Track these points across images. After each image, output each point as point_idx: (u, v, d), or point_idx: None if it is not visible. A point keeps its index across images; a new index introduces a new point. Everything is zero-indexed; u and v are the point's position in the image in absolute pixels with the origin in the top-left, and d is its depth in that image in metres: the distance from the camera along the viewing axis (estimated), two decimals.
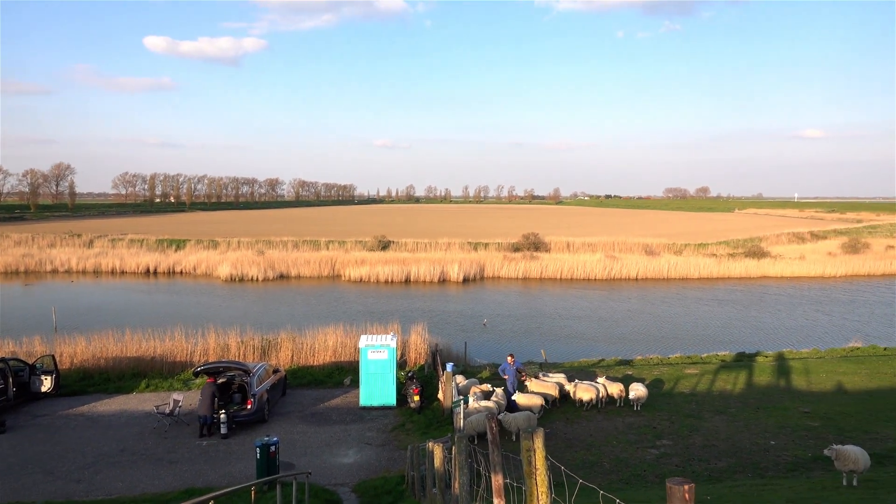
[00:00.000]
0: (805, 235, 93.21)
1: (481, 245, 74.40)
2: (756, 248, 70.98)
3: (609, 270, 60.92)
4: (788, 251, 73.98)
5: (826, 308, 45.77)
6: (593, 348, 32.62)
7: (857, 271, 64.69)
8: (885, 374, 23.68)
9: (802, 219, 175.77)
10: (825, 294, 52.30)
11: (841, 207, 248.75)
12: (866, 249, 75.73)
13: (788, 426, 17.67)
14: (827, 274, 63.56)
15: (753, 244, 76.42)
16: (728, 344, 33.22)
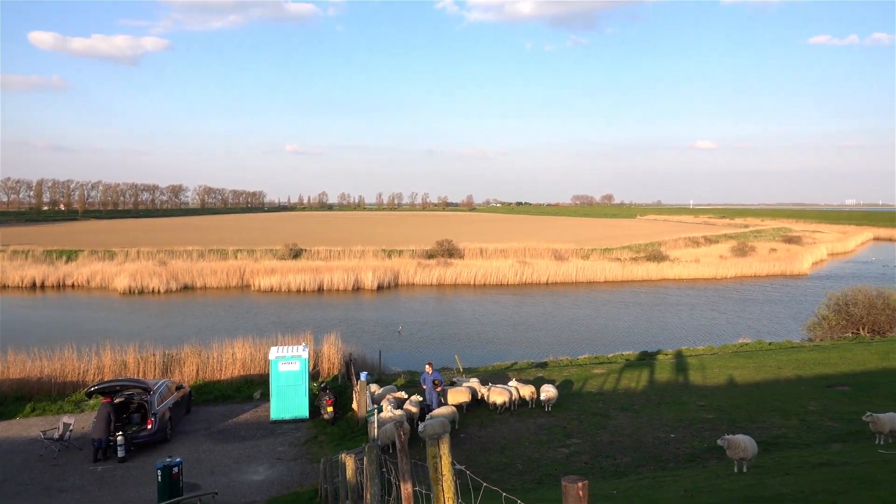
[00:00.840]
0: (699, 240, 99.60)
1: (395, 252, 74.25)
2: (656, 253, 75.07)
3: (521, 275, 62.47)
4: (685, 255, 78.77)
5: (720, 307, 49.08)
6: (507, 352, 33.30)
7: (745, 272, 69.87)
8: (769, 367, 25.64)
9: (697, 224, 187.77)
10: (718, 294, 56.08)
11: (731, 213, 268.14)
12: (752, 252, 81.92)
13: (686, 419, 18.75)
14: (719, 275, 68.21)
15: (654, 248, 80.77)
16: (632, 344, 34.88)
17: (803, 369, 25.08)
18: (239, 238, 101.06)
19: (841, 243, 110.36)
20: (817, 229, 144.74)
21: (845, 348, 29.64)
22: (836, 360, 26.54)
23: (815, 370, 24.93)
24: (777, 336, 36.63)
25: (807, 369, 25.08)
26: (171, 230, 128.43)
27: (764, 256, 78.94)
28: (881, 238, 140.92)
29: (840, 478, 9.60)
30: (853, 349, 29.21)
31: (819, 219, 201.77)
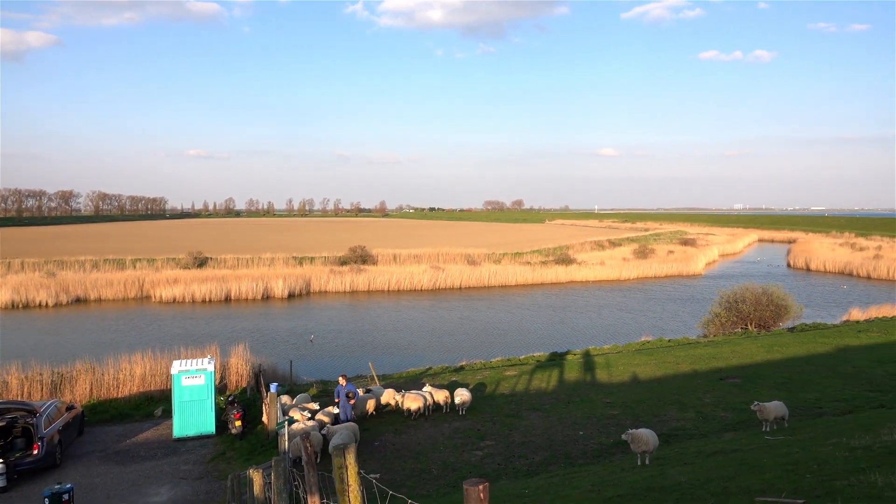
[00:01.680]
0: (604, 243, 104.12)
1: (307, 259, 72.68)
2: (564, 256, 77.77)
3: (435, 281, 62.85)
4: (591, 258, 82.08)
5: (624, 307, 51.47)
6: (422, 357, 33.34)
7: (646, 273, 73.73)
8: (669, 363, 27.13)
9: (602, 228, 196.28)
10: (622, 295, 58.80)
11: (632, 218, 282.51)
12: (652, 254, 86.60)
13: (594, 416, 19.47)
14: (622, 277, 71.59)
15: (562, 252, 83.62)
16: (543, 345, 35.89)
17: (699, 364, 26.71)
18: (138, 247, 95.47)
19: (730, 245, 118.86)
20: (710, 232, 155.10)
21: (736, 343, 31.84)
22: (727, 355, 28.45)
23: (709, 364, 26.60)
24: (676, 333, 38.85)
25: (702, 364, 26.73)
26: (61, 239, 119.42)
27: (663, 258, 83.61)
28: (764, 239, 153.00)
29: (731, 464, 10.27)
30: (742, 343, 31.45)
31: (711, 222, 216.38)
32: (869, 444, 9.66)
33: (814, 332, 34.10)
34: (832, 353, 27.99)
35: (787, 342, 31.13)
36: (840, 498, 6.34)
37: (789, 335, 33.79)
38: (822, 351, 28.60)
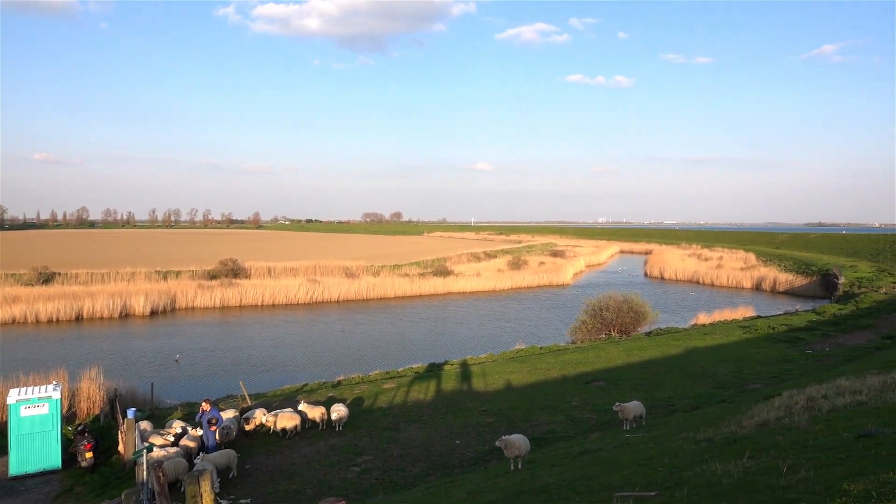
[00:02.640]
0: (480, 255, 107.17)
1: (172, 273, 68.12)
2: (442, 268, 79.08)
3: (312, 294, 61.37)
4: (468, 269, 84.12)
5: (499, 316, 53.17)
6: (298, 374, 32.35)
7: (520, 284, 76.79)
8: (540, 369, 28.37)
9: (478, 240, 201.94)
10: (497, 305, 60.76)
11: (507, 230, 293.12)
12: (525, 266, 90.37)
13: (470, 425, 19.88)
14: (498, 287, 74.03)
15: (440, 264, 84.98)
16: (422, 356, 36.13)
17: (567, 369, 28.16)
18: None
19: (595, 256, 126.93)
20: (577, 244, 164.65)
21: (600, 348, 33.95)
22: (593, 359, 30.26)
23: (577, 369, 28.14)
24: (547, 340, 40.72)
25: (570, 369, 28.21)
26: None
27: (535, 269, 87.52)
28: (625, 251, 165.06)
29: (595, 463, 10.91)
30: (606, 348, 33.60)
31: (578, 235, 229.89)
32: (711, 437, 10.65)
33: (667, 336, 37.16)
34: (683, 355, 30.67)
35: (644, 346, 33.67)
36: (686, 487, 6.92)
37: (647, 339, 36.58)
38: (675, 353, 31.26)
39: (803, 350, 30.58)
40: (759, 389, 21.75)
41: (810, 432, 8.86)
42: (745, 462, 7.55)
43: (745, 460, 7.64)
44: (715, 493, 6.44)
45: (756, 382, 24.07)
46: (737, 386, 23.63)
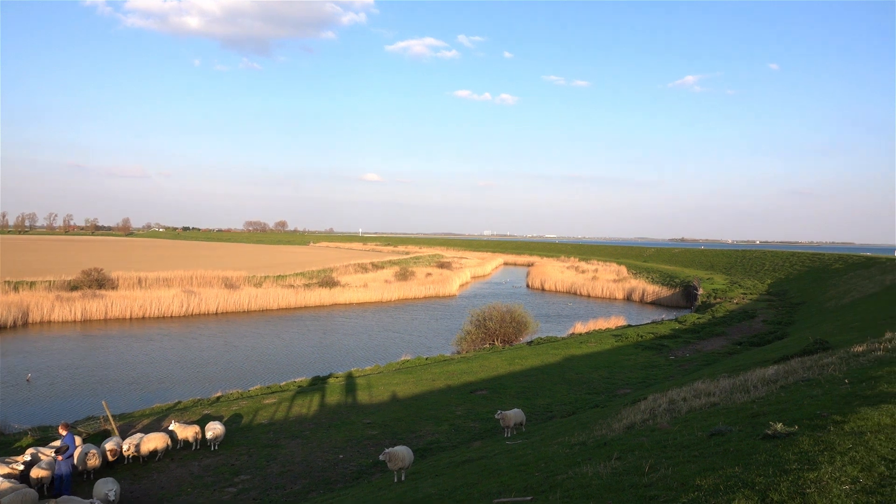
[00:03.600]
0: (368, 266, 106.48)
1: (25, 284, 61.65)
2: (328, 278, 77.67)
3: (187, 306, 57.98)
4: (355, 280, 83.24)
5: (386, 327, 52.99)
6: (170, 391, 30.39)
7: (407, 295, 77.07)
8: (426, 380, 28.57)
9: (366, 251, 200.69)
10: (385, 316, 60.55)
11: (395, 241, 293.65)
12: (413, 277, 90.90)
13: (354, 438, 19.59)
14: (385, 299, 73.85)
15: (326, 275, 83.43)
16: (306, 369, 35.20)
17: (452, 379, 28.57)
18: None
19: (481, 268, 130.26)
20: (463, 256, 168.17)
21: (484, 358, 34.77)
22: (477, 369, 30.92)
23: (461, 379, 28.62)
24: (433, 351, 41.11)
25: (455, 379, 28.65)
26: None
27: (422, 280, 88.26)
28: (509, 263, 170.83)
29: (476, 471, 11.12)
30: (489, 358, 34.46)
31: (464, 247, 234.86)
32: (585, 441, 11.22)
33: (547, 345, 38.78)
34: (561, 363, 32.12)
35: (526, 355, 34.91)
36: (560, 490, 7.24)
37: (528, 348, 37.95)
38: (554, 361, 32.66)
39: (667, 356, 33.07)
40: (628, 394, 23.23)
41: (670, 433, 9.57)
42: (614, 463, 8.02)
43: (614, 461, 8.12)
44: (586, 494, 6.78)
45: (626, 387, 25.68)
46: (609, 391, 25.09)
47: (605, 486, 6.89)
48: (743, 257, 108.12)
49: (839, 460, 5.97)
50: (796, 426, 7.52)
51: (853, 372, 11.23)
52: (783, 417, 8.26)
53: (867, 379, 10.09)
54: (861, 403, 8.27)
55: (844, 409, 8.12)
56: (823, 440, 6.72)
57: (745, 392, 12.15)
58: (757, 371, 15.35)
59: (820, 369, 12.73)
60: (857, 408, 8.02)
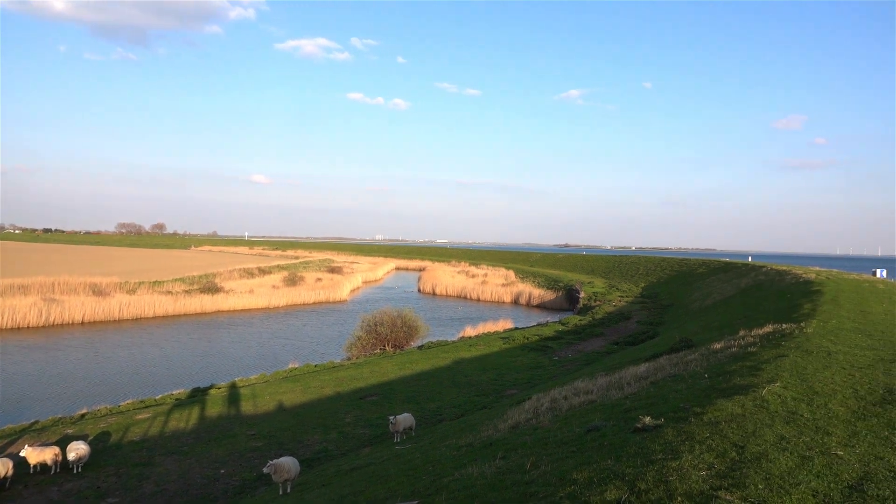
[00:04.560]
0: (254, 271, 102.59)
1: None
2: (211, 284, 73.96)
3: (47, 316, 52.96)
4: (240, 286, 79.87)
5: (274, 334, 51.25)
6: (27, 410, 27.61)
7: (296, 301, 75.05)
8: (314, 388, 27.94)
9: (252, 255, 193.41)
10: (272, 322, 58.57)
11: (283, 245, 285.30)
12: (302, 282, 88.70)
13: (237, 452, 18.76)
14: (272, 305, 71.45)
15: (208, 280, 79.40)
16: (185, 381, 33.29)
17: (342, 386, 28.15)
18: None
19: (372, 273, 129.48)
20: (355, 260, 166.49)
21: (375, 363, 34.57)
22: (367, 375, 30.67)
23: (351, 385, 28.27)
24: (323, 358, 40.29)
25: (345, 385, 28.25)
26: None
27: (312, 285, 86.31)
28: (401, 268, 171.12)
29: (364, 478, 11.03)
30: (380, 363, 34.31)
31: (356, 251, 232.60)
32: (472, 442, 11.45)
33: (438, 349, 39.22)
34: (451, 366, 32.60)
35: (416, 359, 35.11)
36: (446, 492, 7.34)
37: (419, 352, 38.19)
38: (444, 364, 33.08)
39: (551, 357, 34.52)
40: (515, 394, 23.99)
41: (551, 430, 9.99)
42: (498, 463, 8.25)
43: (498, 461, 8.35)
44: (470, 495, 6.92)
45: (513, 388, 26.51)
46: (497, 392, 25.77)
47: (489, 486, 7.07)
48: (620, 262, 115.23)
49: (698, 448, 6.51)
50: (663, 419, 8.11)
51: (712, 367, 12.29)
52: (652, 411, 8.88)
53: (723, 373, 11.08)
54: (718, 396, 9.07)
55: (704, 401, 8.87)
56: (685, 431, 7.30)
57: (619, 389, 12.93)
58: (630, 369, 16.40)
59: (684, 365, 13.82)
60: (714, 400, 8.79)
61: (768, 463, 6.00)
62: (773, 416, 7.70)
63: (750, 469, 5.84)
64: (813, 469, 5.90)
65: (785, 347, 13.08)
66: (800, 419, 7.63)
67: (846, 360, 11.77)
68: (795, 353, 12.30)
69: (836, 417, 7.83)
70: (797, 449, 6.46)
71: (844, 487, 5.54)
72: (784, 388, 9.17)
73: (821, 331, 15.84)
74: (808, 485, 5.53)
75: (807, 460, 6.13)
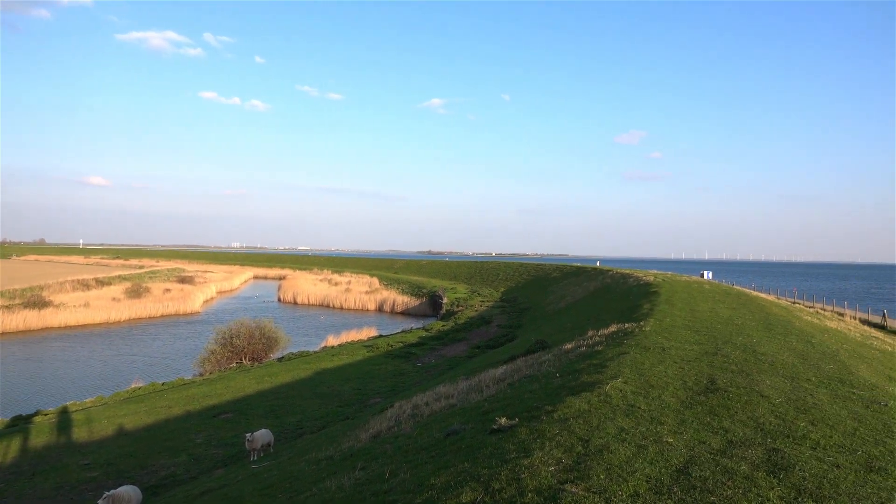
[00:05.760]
0: (90, 282, 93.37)
1: None
2: (37, 298, 66.21)
3: None
4: (73, 299, 72.33)
5: (115, 351, 46.88)
6: None
7: (141, 314, 69.34)
8: (161, 408, 25.95)
9: (88, 265, 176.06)
10: (112, 339, 53.58)
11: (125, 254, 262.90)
12: (147, 293, 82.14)
13: (68, 484, 16.92)
14: (112, 319, 65.44)
15: (34, 294, 71.05)
16: (5, 409, 29.51)
17: (193, 404, 26.42)
18: None
19: (228, 282, 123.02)
20: (208, 269, 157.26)
21: (230, 378, 32.85)
22: (221, 391, 29.06)
23: (203, 403, 26.61)
24: (171, 375, 37.55)
25: (196, 403, 26.53)
26: None
27: (159, 297, 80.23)
28: (259, 276, 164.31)
29: (215, 501, 10.41)
30: (236, 378, 32.67)
31: (209, 260, 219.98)
32: (332, 455, 11.23)
33: (299, 360, 38.12)
34: (313, 377, 31.82)
35: (276, 372, 33.87)
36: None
37: (279, 365, 36.87)
38: (305, 376, 32.22)
39: (415, 363, 34.87)
40: (378, 403, 23.91)
41: (412, 437, 10.07)
42: (358, 474, 8.16)
43: (358, 472, 8.27)
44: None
45: (377, 397, 26.42)
46: (361, 402, 25.54)
47: (347, 498, 6.97)
48: (482, 268, 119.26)
49: (548, 445, 6.88)
50: (517, 419, 8.48)
51: (563, 367, 13.08)
52: (507, 412, 9.26)
53: (573, 371, 11.84)
54: (567, 393, 9.66)
55: (555, 399, 9.40)
56: (537, 429, 7.68)
57: (479, 392, 13.35)
58: (490, 372, 17.00)
59: (539, 366, 14.57)
60: (564, 398, 9.35)
61: (609, 454, 6.48)
62: (615, 410, 8.33)
63: (593, 461, 6.27)
64: (647, 457, 6.46)
65: (626, 345, 14.23)
66: (637, 411, 8.33)
67: (678, 354, 13.04)
68: (635, 350, 13.43)
69: (668, 407, 8.64)
70: (634, 439, 7.04)
71: (673, 471, 6.12)
72: (625, 382, 9.96)
73: (657, 328, 17.44)
74: (642, 472, 6.05)
75: (642, 449, 6.70)
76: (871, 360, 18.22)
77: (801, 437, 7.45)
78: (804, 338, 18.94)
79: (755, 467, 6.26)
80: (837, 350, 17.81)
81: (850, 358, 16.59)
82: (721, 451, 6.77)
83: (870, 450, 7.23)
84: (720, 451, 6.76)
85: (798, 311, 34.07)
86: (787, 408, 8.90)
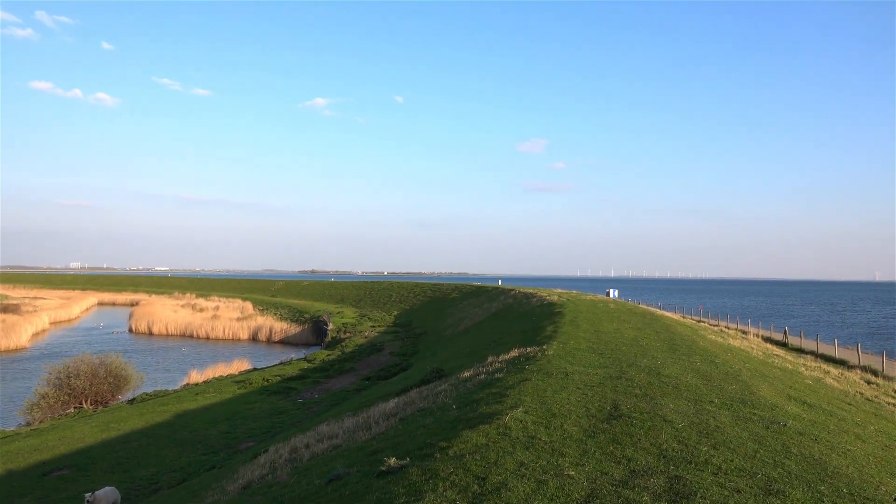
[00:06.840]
0: None
1: None
2: None
3: None
4: None
5: None
6: None
7: None
8: None
9: None
10: None
11: None
12: None
13: None
14: None
15: None
16: None
17: (16, 461, 24.30)
18: None
19: (65, 310, 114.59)
20: (39, 295, 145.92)
21: (66, 426, 30.54)
22: (55, 443, 26.94)
23: (31, 459, 24.55)
24: None
25: (21, 460, 24.43)
26: None
27: None
28: (105, 303, 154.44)
29: None
30: (74, 426, 30.43)
31: (41, 283, 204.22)
32: None
33: (154, 401, 36.11)
34: (171, 421, 30.25)
35: (125, 416, 31.89)
36: None
37: (129, 408, 34.75)
38: (162, 420, 30.56)
39: (295, 400, 34.05)
40: (251, 447, 23.10)
41: (289, 485, 9.83)
42: None
43: None
44: None
45: (249, 440, 25.51)
46: (230, 447, 24.56)
47: None
48: (372, 289, 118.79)
49: (441, 486, 6.96)
50: (408, 458, 8.51)
51: (461, 397, 13.29)
52: (398, 451, 9.27)
53: (471, 402, 12.05)
54: (464, 427, 9.82)
55: (450, 434, 9.53)
56: (430, 468, 7.75)
57: (367, 429, 13.26)
58: (380, 406, 16.94)
59: (434, 397, 14.71)
60: (460, 432, 9.50)
61: (507, 492, 6.65)
62: (515, 443, 8.57)
63: (490, 501, 6.42)
64: (547, 493, 6.70)
65: (528, 371, 14.69)
66: (538, 443, 8.62)
67: (581, 379, 13.63)
68: (537, 376, 13.89)
69: (571, 437, 9.00)
70: (534, 474, 7.28)
71: None
72: (525, 412, 10.27)
73: (560, 352, 18.14)
74: None
75: (542, 484, 6.93)
76: (773, 378, 19.89)
77: (703, 462, 8.00)
78: (708, 358, 20.37)
79: (657, 497, 6.65)
80: (740, 370, 19.30)
81: (752, 377, 18.03)
82: (623, 481, 7.14)
83: (769, 472, 7.89)
84: (622, 481, 7.13)
85: (703, 329, 36.64)
86: (690, 432, 9.54)
